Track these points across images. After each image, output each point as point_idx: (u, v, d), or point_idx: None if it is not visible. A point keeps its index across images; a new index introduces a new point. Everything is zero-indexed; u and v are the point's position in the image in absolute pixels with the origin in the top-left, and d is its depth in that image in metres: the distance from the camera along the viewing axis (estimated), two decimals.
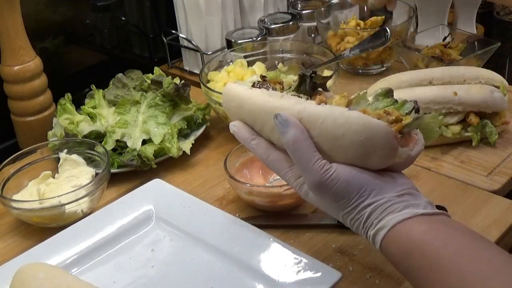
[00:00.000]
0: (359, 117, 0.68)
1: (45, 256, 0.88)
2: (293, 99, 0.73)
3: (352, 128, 0.68)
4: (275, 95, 0.75)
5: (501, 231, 0.91)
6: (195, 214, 0.95)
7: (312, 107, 0.71)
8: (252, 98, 0.76)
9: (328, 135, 0.69)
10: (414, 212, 0.67)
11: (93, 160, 1.07)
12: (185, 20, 1.42)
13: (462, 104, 1.08)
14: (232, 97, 0.78)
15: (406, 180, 0.72)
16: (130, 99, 1.15)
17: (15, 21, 1.12)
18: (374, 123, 0.68)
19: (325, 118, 0.69)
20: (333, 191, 0.69)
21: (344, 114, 0.69)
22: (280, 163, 0.75)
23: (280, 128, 0.70)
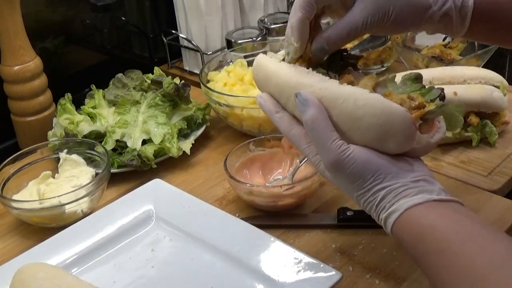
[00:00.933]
0: (379, 100, 0.68)
1: (45, 256, 0.88)
2: (318, 76, 0.73)
3: (371, 111, 0.68)
4: (301, 71, 0.75)
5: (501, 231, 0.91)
6: (195, 214, 0.95)
7: (335, 86, 0.71)
8: (279, 72, 0.76)
9: (348, 116, 0.70)
10: (427, 197, 0.68)
11: (93, 160, 1.07)
12: (185, 20, 1.42)
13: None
14: (261, 68, 0.79)
15: (423, 166, 0.72)
16: (130, 99, 1.15)
17: (15, 21, 1.12)
18: (393, 108, 0.67)
19: (346, 99, 0.69)
20: (348, 171, 0.70)
21: (364, 96, 0.69)
22: (300, 138, 0.75)
23: (300, 106, 0.71)
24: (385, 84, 0.75)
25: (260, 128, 1.14)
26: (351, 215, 0.93)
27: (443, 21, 0.80)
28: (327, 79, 0.73)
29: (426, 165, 0.72)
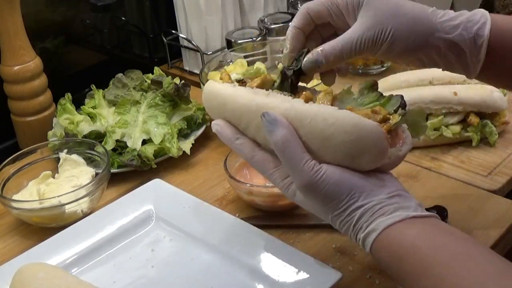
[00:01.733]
0: (350, 116, 0.66)
1: (45, 256, 0.88)
2: (280, 97, 0.71)
3: (342, 128, 0.66)
4: (260, 93, 0.72)
5: (501, 231, 0.91)
6: (195, 214, 0.95)
7: (300, 105, 0.69)
8: (236, 96, 0.73)
9: (317, 134, 0.68)
10: (404, 214, 0.66)
11: (93, 160, 1.07)
12: (185, 20, 1.42)
13: (462, 104, 1.08)
14: (214, 95, 0.76)
15: (395, 181, 0.70)
16: (130, 99, 1.15)
17: (15, 21, 1.12)
18: (364, 123, 0.66)
19: (314, 117, 0.68)
20: (323, 193, 0.68)
21: (334, 113, 0.67)
22: (266, 163, 0.73)
23: (268, 127, 0.68)
24: (343, 96, 0.73)
25: None
26: None
27: (453, 51, 0.75)
28: (290, 99, 0.70)
29: (396, 178, 0.71)
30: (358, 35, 0.74)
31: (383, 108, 0.71)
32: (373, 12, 0.74)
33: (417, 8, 0.75)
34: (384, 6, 0.74)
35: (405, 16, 0.74)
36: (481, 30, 0.74)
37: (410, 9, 0.75)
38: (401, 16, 0.74)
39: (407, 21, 0.74)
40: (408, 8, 0.75)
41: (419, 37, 0.74)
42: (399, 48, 0.74)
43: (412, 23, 0.74)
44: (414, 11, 0.75)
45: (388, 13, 0.74)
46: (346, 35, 0.74)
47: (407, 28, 0.74)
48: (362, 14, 0.74)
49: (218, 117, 0.76)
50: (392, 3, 0.75)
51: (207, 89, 0.77)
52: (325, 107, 0.68)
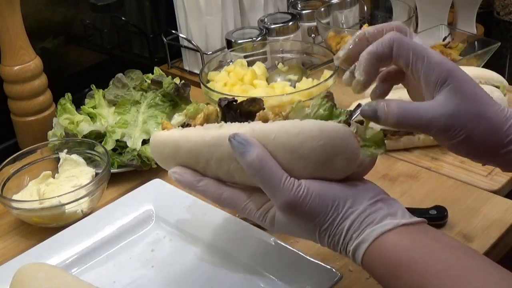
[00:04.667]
0: (313, 123, 0.65)
1: (45, 256, 0.88)
2: (234, 125, 0.69)
3: (308, 135, 0.64)
4: (212, 127, 0.70)
5: (501, 231, 0.91)
6: (195, 214, 0.95)
7: (259, 125, 0.67)
8: (188, 136, 0.70)
9: (284, 148, 0.65)
10: (394, 223, 0.64)
11: (93, 160, 1.07)
12: (185, 20, 1.42)
13: None
14: (164, 143, 0.73)
15: (373, 185, 0.68)
16: (130, 99, 1.15)
17: (15, 21, 1.12)
18: (330, 125, 0.65)
19: (278, 133, 0.65)
20: (307, 208, 0.65)
21: (296, 124, 0.65)
22: (237, 198, 0.70)
23: (239, 148, 0.65)
24: (295, 114, 0.70)
25: None
26: None
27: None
28: (246, 124, 0.68)
29: (373, 183, 0.69)
30: (437, 114, 0.66)
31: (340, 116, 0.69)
32: (458, 103, 0.67)
33: (500, 116, 0.68)
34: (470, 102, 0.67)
35: (486, 122, 0.67)
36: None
37: (493, 116, 0.68)
38: (483, 123, 0.67)
39: (486, 129, 0.68)
40: (491, 113, 0.68)
41: (491, 147, 0.69)
42: (467, 150, 0.70)
43: (491, 132, 0.68)
44: (496, 119, 0.68)
45: (473, 109, 0.67)
46: (423, 107, 0.67)
47: (483, 134, 0.68)
48: (446, 96, 0.67)
49: (173, 165, 0.73)
50: (479, 100, 0.68)
51: (154, 140, 0.74)
52: (286, 121, 0.67)
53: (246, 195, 0.70)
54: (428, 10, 1.43)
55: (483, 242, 0.89)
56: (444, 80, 0.68)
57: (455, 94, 0.67)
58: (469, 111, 0.67)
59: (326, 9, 1.45)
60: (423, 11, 1.44)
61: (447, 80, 0.68)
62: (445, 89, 0.67)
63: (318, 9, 1.43)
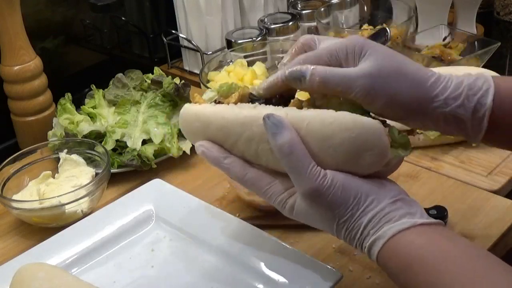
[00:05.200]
0: (349, 115, 0.65)
1: (45, 256, 0.88)
2: (269, 107, 0.69)
3: (342, 126, 0.65)
4: (246, 107, 0.70)
5: (501, 231, 0.91)
6: (195, 214, 0.95)
7: (295, 111, 0.67)
8: (221, 112, 0.70)
9: (316, 135, 0.66)
10: (412, 222, 0.65)
11: (93, 160, 1.07)
12: (185, 20, 1.42)
13: None
14: (196, 116, 0.72)
15: (395, 185, 0.69)
16: (130, 99, 1.15)
17: (15, 21, 1.12)
18: (364, 119, 0.65)
19: (312, 120, 0.66)
20: (329, 199, 0.66)
21: (332, 114, 0.66)
22: (259, 180, 0.70)
23: (273, 129, 0.65)
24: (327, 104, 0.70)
25: None
26: None
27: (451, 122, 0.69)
28: (281, 108, 0.68)
29: (396, 183, 0.70)
30: (357, 76, 0.67)
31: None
32: (377, 64, 0.68)
33: (420, 72, 0.69)
34: (387, 62, 0.68)
35: (407, 79, 0.68)
36: (483, 99, 0.68)
37: (412, 75, 0.69)
38: (403, 79, 0.68)
39: (407, 86, 0.68)
40: (411, 71, 0.69)
41: (416, 103, 0.69)
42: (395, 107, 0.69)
43: (413, 88, 0.68)
44: (416, 77, 0.69)
45: (391, 70, 0.68)
46: (345, 70, 0.69)
47: (407, 91, 0.68)
48: (365, 63, 0.68)
49: (201, 139, 0.73)
50: (396, 60, 0.69)
51: (185, 112, 0.74)
52: (321, 110, 0.67)
53: (270, 179, 0.70)
54: (428, 10, 1.43)
55: (483, 242, 0.89)
56: (360, 50, 0.69)
57: (373, 57, 0.69)
58: (388, 70, 0.68)
59: (326, 9, 1.45)
60: (423, 11, 1.44)
61: (363, 49, 0.69)
62: (364, 57, 0.69)
63: (318, 9, 1.43)
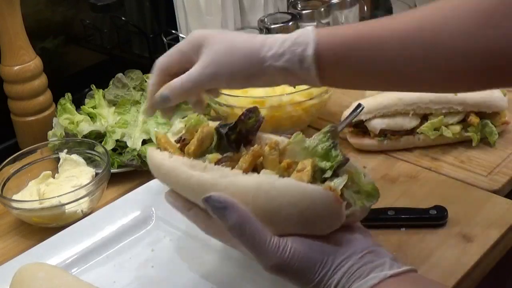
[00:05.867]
0: (293, 185, 0.62)
1: (45, 256, 0.88)
2: (218, 171, 0.66)
3: (286, 200, 0.62)
4: (198, 167, 0.68)
5: (501, 231, 0.91)
6: None
7: (240, 179, 0.64)
8: (175, 170, 0.70)
9: (264, 210, 0.63)
10: (382, 275, 0.62)
11: (93, 160, 1.07)
12: (185, 20, 1.42)
13: (462, 104, 1.08)
14: (157, 167, 0.74)
15: (363, 235, 0.67)
16: (130, 99, 1.15)
17: (15, 21, 1.12)
18: (310, 190, 0.62)
19: (256, 193, 0.63)
20: (294, 269, 0.63)
21: (274, 185, 0.62)
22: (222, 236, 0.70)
23: (217, 213, 0.64)
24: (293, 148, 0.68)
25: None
26: None
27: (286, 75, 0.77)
28: (228, 171, 0.66)
29: (366, 230, 0.68)
30: (198, 72, 0.77)
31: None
32: (211, 51, 0.77)
33: (248, 42, 0.77)
34: (220, 45, 0.77)
35: (239, 51, 0.77)
36: (304, 52, 0.74)
37: (243, 44, 0.77)
38: (235, 52, 0.77)
39: (240, 57, 0.77)
40: (240, 43, 0.77)
41: (254, 68, 0.76)
42: (239, 80, 0.78)
43: (246, 56, 0.77)
44: (246, 45, 0.77)
45: (223, 50, 0.77)
46: (189, 73, 0.78)
47: (241, 62, 0.77)
48: (203, 54, 0.78)
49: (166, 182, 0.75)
50: (227, 40, 0.78)
51: (150, 161, 0.76)
52: (265, 177, 0.64)
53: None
54: None
55: (483, 242, 0.89)
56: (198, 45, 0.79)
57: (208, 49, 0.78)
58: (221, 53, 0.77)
59: (326, 9, 1.44)
60: None
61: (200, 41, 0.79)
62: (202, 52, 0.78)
63: (318, 9, 1.43)
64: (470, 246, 0.88)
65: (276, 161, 0.67)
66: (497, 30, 0.67)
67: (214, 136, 0.73)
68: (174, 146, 0.76)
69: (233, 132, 0.72)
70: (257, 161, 0.68)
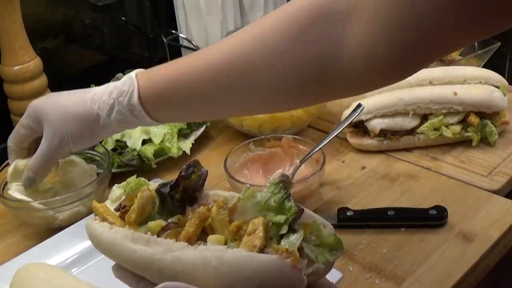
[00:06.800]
0: (244, 258, 0.56)
1: (45, 256, 0.88)
2: (162, 244, 0.61)
3: (240, 276, 0.56)
4: (140, 240, 0.62)
5: (501, 231, 0.91)
6: None
7: (185, 254, 0.59)
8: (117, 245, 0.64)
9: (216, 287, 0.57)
10: None
11: (93, 160, 1.06)
12: (185, 20, 1.43)
13: (462, 104, 1.08)
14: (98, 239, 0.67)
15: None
16: None
17: (15, 21, 1.12)
18: (263, 261, 0.56)
19: (204, 269, 0.57)
20: None
21: (223, 260, 0.57)
22: None
23: None
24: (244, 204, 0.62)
25: (260, 128, 1.14)
26: (351, 215, 0.93)
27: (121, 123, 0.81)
28: (172, 244, 0.60)
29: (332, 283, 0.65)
30: (46, 146, 0.83)
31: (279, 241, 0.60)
32: (50, 123, 0.82)
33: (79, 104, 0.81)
34: (54, 116, 0.82)
35: (73, 117, 0.81)
36: (131, 101, 0.78)
37: (74, 108, 0.81)
38: (70, 119, 0.81)
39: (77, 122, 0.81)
40: (72, 107, 0.81)
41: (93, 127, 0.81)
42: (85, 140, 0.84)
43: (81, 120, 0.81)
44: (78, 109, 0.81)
45: (58, 120, 0.81)
46: (40, 149, 0.84)
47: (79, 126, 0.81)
48: (45, 128, 0.83)
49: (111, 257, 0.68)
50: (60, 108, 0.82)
51: (88, 232, 0.69)
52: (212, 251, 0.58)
53: None
54: None
55: (483, 242, 0.89)
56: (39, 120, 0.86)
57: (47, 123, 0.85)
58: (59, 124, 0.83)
59: None
60: None
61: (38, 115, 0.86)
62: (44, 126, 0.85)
63: None
64: (470, 246, 0.88)
65: (226, 221, 0.62)
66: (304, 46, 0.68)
67: (156, 199, 0.67)
68: (114, 215, 0.68)
69: (176, 191, 0.66)
70: (205, 223, 0.63)
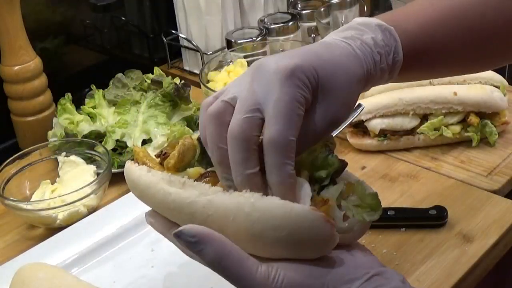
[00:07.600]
0: (276, 206, 0.54)
1: (45, 256, 0.88)
2: (197, 188, 0.59)
3: (270, 224, 0.54)
4: (176, 182, 0.60)
5: (501, 231, 0.91)
6: None
7: (219, 198, 0.57)
8: (152, 189, 0.62)
9: (246, 234, 0.55)
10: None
11: (93, 160, 1.07)
12: (185, 20, 1.42)
13: (462, 104, 1.08)
14: (135, 183, 0.65)
15: (364, 256, 0.58)
16: (130, 99, 1.15)
17: (15, 21, 1.12)
18: (295, 211, 0.53)
19: (236, 214, 0.55)
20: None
21: (257, 205, 0.54)
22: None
23: (192, 248, 0.54)
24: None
25: None
26: None
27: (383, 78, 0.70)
28: (207, 189, 0.58)
29: (367, 249, 0.60)
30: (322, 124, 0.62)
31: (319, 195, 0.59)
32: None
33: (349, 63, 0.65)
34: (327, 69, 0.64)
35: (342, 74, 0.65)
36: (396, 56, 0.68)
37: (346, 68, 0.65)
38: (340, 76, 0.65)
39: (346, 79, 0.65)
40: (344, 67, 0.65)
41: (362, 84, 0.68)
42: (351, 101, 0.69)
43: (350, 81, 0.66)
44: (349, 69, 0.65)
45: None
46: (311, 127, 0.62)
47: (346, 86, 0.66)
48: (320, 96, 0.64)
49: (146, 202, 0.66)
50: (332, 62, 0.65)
51: (127, 177, 0.67)
52: (246, 196, 0.56)
53: None
54: None
55: (483, 242, 0.89)
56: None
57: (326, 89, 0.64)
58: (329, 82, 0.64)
59: (326, 9, 1.44)
60: None
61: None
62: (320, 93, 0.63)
63: (318, 9, 1.43)
64: (470, 246, 0.88)
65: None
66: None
67: (197, 147, 0.65)
68: (154, 160, 0.68)
69: None
70: None
